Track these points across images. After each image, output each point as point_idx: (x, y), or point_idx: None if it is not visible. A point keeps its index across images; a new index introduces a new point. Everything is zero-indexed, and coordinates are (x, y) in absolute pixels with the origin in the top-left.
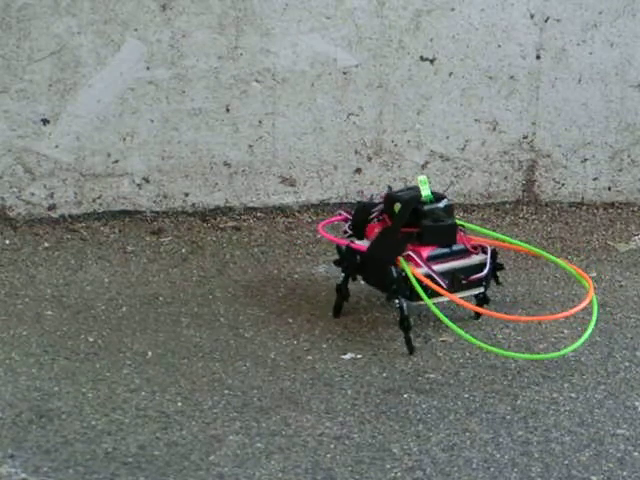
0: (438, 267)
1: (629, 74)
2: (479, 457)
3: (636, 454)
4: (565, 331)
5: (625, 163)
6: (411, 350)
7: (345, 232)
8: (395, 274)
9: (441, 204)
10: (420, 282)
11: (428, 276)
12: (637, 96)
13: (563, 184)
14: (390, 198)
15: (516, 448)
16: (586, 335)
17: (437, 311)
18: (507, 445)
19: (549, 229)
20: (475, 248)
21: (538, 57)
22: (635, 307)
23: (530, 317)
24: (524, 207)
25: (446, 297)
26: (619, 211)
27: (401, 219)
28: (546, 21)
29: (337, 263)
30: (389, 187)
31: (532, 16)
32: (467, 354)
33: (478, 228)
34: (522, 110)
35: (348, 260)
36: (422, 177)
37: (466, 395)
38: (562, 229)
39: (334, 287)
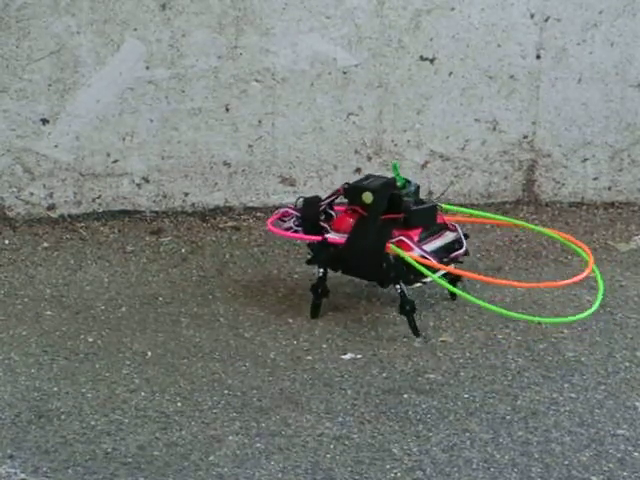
0: (427, 248)
1: (629, 74)
2: (479, 457)
3: (636, 454)
4: (565, 331)
5: (625, 163)
6: (417, 333)
7: (289, 228)
8: (392, 260)
9: (412, 187)
10: (419, 263)
11: (422, 258)
12: (637, 96)
13: (563, 184)
14: (356, 188)
15: (516, 448)
16: (597, 303)
17: (446, 284)
18: (507, 445)
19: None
20: (451, 225)
21: (538, 57)
22: (635, 307)
23: (530, 283)
24: (524, 207)
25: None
26: (619, 211)
27: (380, 206)
28: (546, 21)
29: (311, 262)
30: (347, 183)
31: (532, 16)
32: (467, 354)
33: (454, 208)
34: (522, 110)
35: (325, 254)
36: (394, 161)
37: (466, 395)
38: (562, 229)
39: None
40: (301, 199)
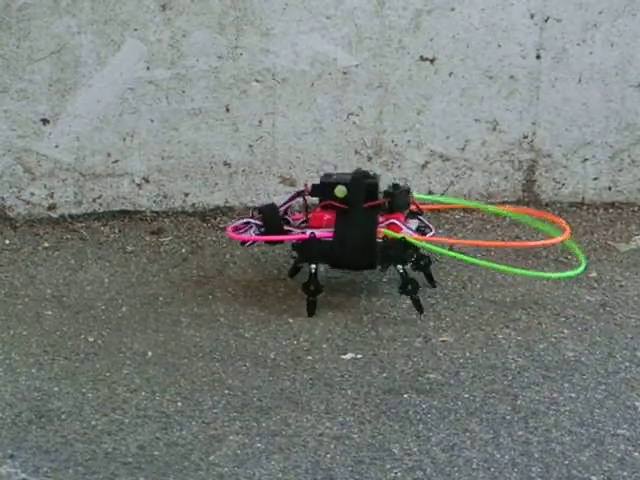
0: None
1: (629, 74)
2: (479, 457)
3: (636, 454)
4: (565, 331)
5: (625, 163)
6: (421, 310)
7: (244, 243)
8: (392, 243)
9: (379, 177)
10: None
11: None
12: (637, 96)
13: (563, 184)
14: (326, 185)
15: (516, 448)
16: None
17: (450, 252)
18: (507, 445)
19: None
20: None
21: (538, 57)
22: (635, 307)
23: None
24: (524, 207)
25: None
26: (619, 211)
27: (359, 196)
28: (546, 21)
29: (300, 260)
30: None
31: (532, 16)
32: (467, 354)
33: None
34: (522, 110)
35: (314, 251)
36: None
37: (466, 395)
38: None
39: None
40: (255, 209)
